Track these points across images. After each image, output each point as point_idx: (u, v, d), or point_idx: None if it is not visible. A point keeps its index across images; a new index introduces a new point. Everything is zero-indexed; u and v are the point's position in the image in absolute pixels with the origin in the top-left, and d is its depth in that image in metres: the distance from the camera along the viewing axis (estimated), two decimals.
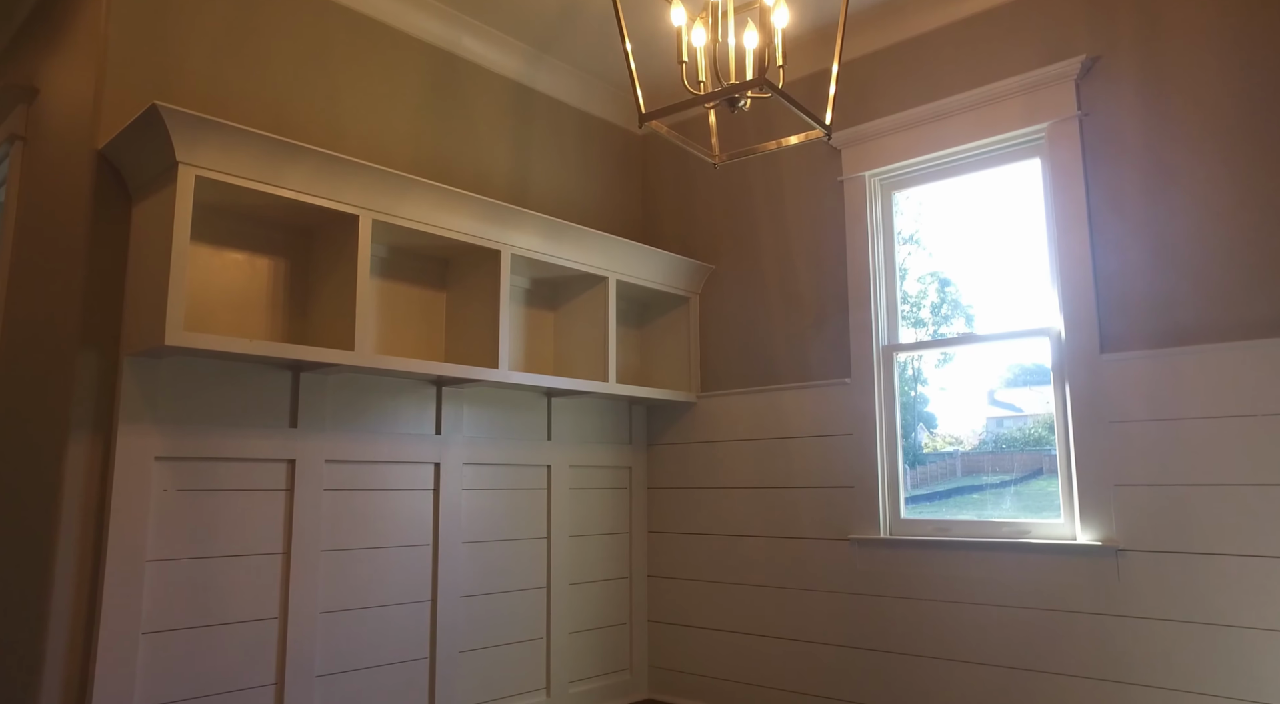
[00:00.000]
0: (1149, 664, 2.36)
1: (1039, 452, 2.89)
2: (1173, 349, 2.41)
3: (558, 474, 3.27)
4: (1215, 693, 2.26)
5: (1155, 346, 2.45)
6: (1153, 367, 2.44)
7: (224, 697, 2.34)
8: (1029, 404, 2.95)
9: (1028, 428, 2.96)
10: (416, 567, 2.81)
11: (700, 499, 3.45)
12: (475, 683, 2.92)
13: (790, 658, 3.09)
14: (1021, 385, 2.97)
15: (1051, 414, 2.70)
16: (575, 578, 3.31)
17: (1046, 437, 2.88)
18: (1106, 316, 2.54)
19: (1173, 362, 2.40)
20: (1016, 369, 2.98)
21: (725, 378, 3.46)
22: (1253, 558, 2.24)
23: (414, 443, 2.84)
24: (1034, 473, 2.88)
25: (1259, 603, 2.22)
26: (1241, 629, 2.24)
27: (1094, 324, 2.55)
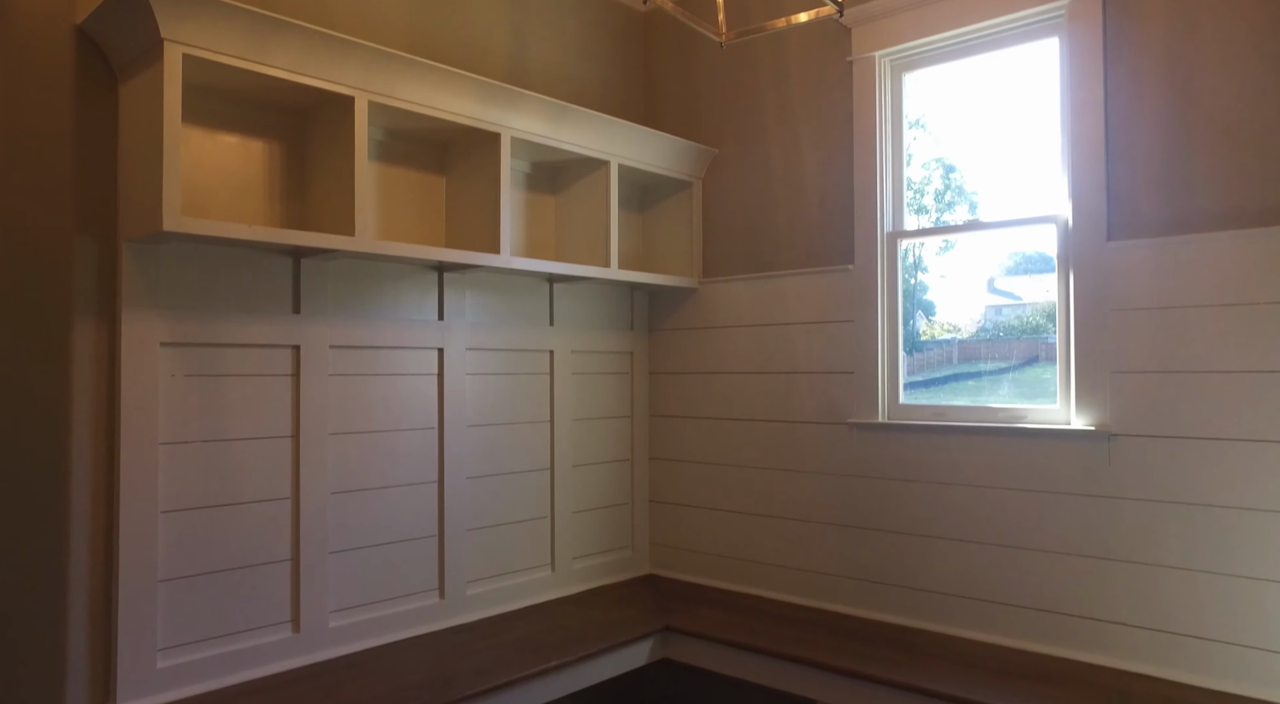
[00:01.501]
0: (1131, 542, 2.46)
1: (1036, 339, 2.92)
2: (1180, 237, 2.39)
3: (560, 359, 3.31)
4: (1191, 567, 2.36)
5: (1163, 234, 2.43)
6: (1158, 255, 2.42)
7: (244, 571, 2.44)
8: (1028, 292, 2.95)
9: (1026, 316, 2.98)
10: (423, 449, 2.88)
11: (701, 384, 3.50)
12: (482, 559, 3.04)
13: (787, 536, 3.21)
14: (1022, 273, 2.96)
15: (1051, 302, 2.71)
16: (578, 460, 3.39)
17: (1044, 325, 2.90)
18: (1115, 204, 2.51)
19: (1179, 249, 2.39)
20: (1018, 257, 2.97)
21: (727, 264, 3.44)
22: (1238, 442, 2.29)
23: (417, 328, 2.85)
24: (1030, 360, 2.92)
25: (1240, 484, 2.29)
26: (1222, 508, 2.32)
27: (1102, 211, 2.52)
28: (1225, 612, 2.31)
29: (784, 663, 2.65)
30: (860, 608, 3.01)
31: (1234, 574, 2.30)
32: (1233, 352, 2.31)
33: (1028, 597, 2.64)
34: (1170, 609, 2.40)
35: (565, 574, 3.32)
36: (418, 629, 2.83)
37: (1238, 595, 2.29)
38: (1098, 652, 2.51)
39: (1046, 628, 2.60)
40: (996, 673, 2.46)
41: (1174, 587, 2.39)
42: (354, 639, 2.67)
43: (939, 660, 2.56)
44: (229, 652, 2.40)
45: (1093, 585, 2.52)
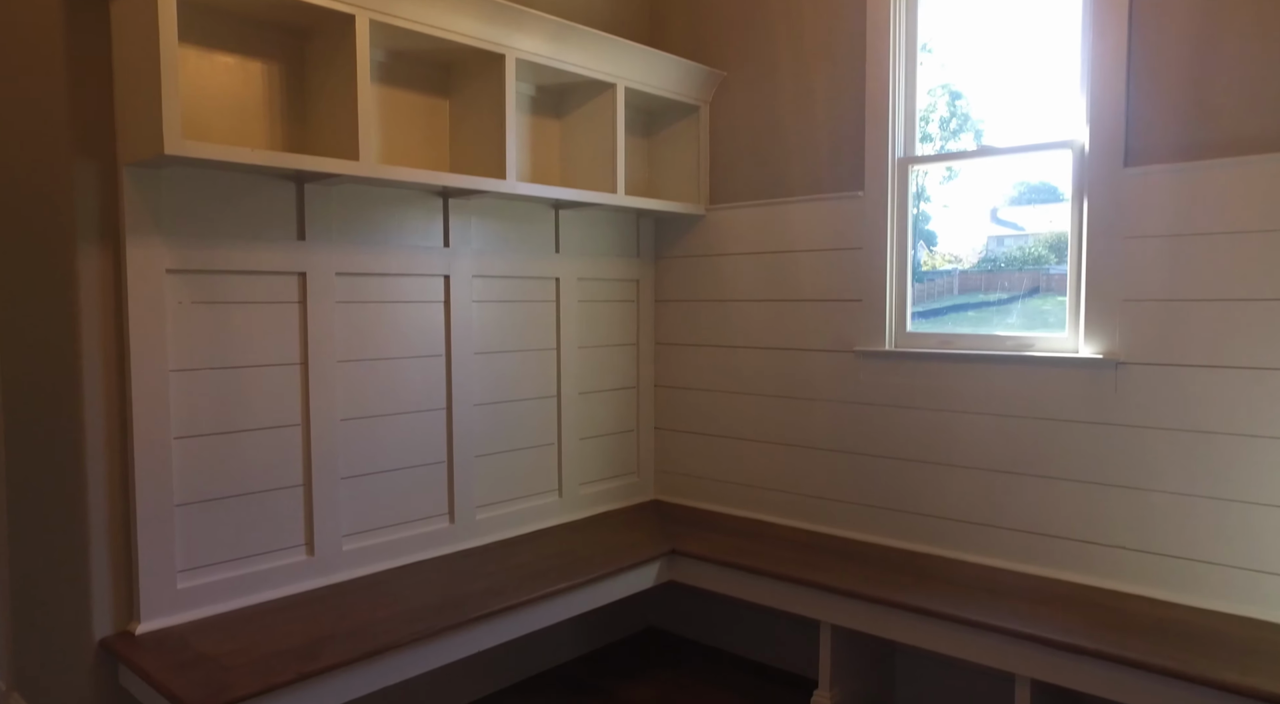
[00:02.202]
0: (1133, 469, 2.49)
1: (1037, 270, 2.91)
2: (1200, 162, 2.35)
3: (566, 286, 3.29)
4: (1191, 493, 2.40)
5: (1183, 159, 2.38)
6: (1177, 180, 2.39)
7: (258, 495, 2.47)
8: (1032, 222, 2.93)
9: (1028, 247, 2.96)
10: (431, 377, 2.88)
11: (707, 312, 3.49)
12: (491, 485, 3.08)
13: (791, 463, 3.25)
14: (1025, 204, 2.93)
15: (1054, 232, 2.68)
16: (585, 387, 3.41)
17: (1046, 255, 2.88)
18: (1135, 128, 2.46)
19: (1199, 175, 2.35)
20: (1022, 186, 2.93)
21: (735, 190, 3.40)
22: (1245, 370, 2.30)
23: (423, 255, 2.83)
24: (1031, 291, 2.91)
25: (1243, 411, 2.31)
26: (1223, 435, 2.34)
27: (1121, 136, 2.47)
28: (1221, 535, 2.36)
29: (789, 585, 2.71)
30: (864, 533, 3.06)
31: (1231, 499, 2.34)
32: (1245, 279, 2.30)
33: (1030, 522, 2.69)
34: (1167, 533, 2.44)
35: (572, 500, 3.37)
36: (429, 553, 2.88)
37: (1233, 519, 2.34)
38: (1096, 574, 2.57)
39: (1047, 552, 2.66)
40: (997, 594, 2.52)
41: (1172, 511, 2.43)
42: (367, 562, 2.72)
43: (942, 583, 2.62)
44: (247, 574, 2.45)
45: (1093, 511, 2.57)
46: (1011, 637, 2.27)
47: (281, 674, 2.00)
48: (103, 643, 2.22)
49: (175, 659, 2.08)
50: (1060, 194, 2.86)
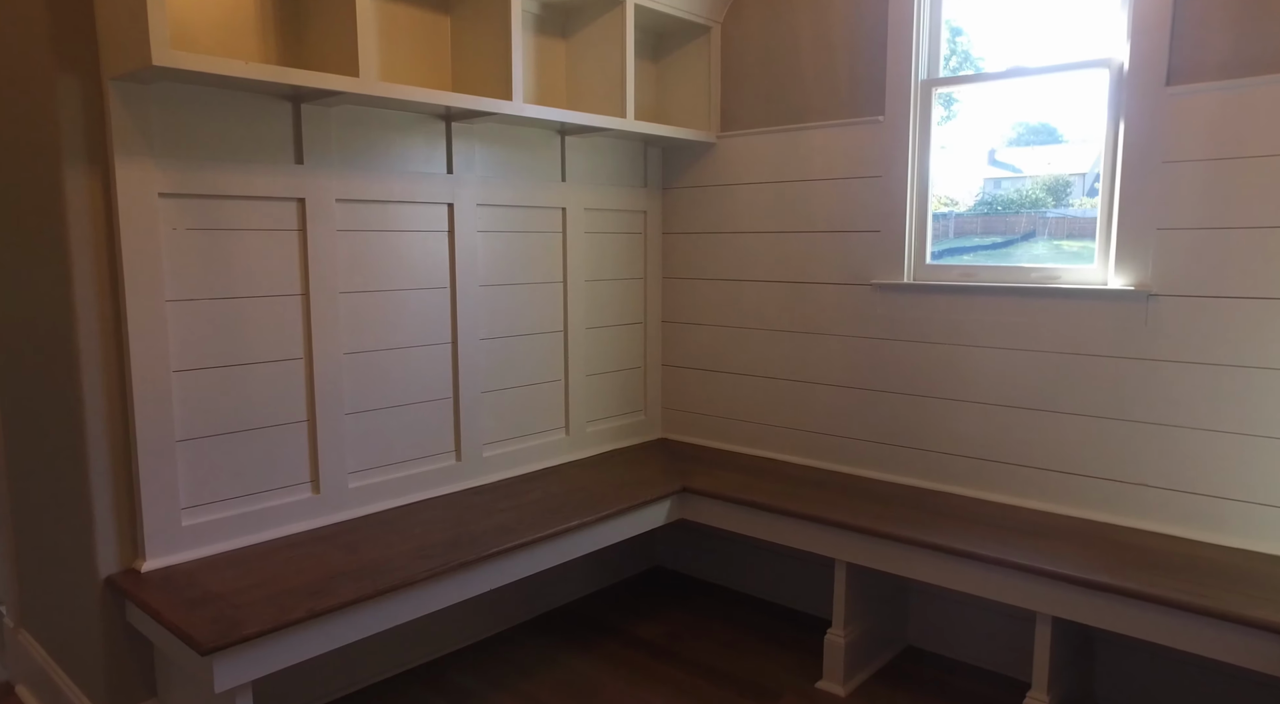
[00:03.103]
0: (1163, 405, 2.43)
1: (1035, 213, 2.84)
2: (1251, 79, 2.23)
3: (573, 217, 3.17)
4: (1223, 429, 2.35)
5: (1230, 77, 2.27)
6: (1222, 100, 2.27)
7: (261, 431, 2.39)
8: (1030, 165, 2.83)
9: (1025, 189, 2.88)
10: (435, 309, 2.78)
11: (717, 245, 3.38)
12: (498, 421, 3.01)
13: (804, 399, 3.18)
14: (1024, 145, 2.83)
15: (1052, 175, 2.58)
16: (592, 322, 3.32)
17: (1044, 199, 2.83)
18: (1180, 44, 2.33)
19: (1248, 93, 2.23)
20: (1021, 128, 2.82)
21: (747, 116, 3.26)
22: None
23: (425, 182, 2.70)
24: (1028, 235, 2.85)
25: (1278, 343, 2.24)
26: (1259, 370, 2.28)
27: (1164, 52, 2.35)
28: (1253, 472, 2.31)
29: (805, 522, 2.66)
30: (878, 471, 3.02)
31: (1265, 435, 2.29)
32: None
33: (1051, 459, 2.64)
34: (1196, 471, 2.40)
35: (579, 437, 3.30)
36: (436, 490, 2.82)
37: (1267, 456, 2.29)
38: (1121, 512, 2.53)
39: (1069, 490, 2.61)
40: (1018, 532, 2.49)
41: (1202, 448, 2.38)
42: (374, 499, 2.66)
43: (959, 521, 2.58)
44: (253, 511, 2.38)
45: (1120, 448, 2.52)
46: (1033, 574, 2.23)
47: (293, 611, 1.94)
48: (109, 581, 2.16)
49: (184, 597, 2.02)
50: (1059, 135, 2.79)
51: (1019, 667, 2.73)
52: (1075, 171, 2.78)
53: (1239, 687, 2.36)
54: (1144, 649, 2.50)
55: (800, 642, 2.99)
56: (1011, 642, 2.74)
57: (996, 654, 2.78)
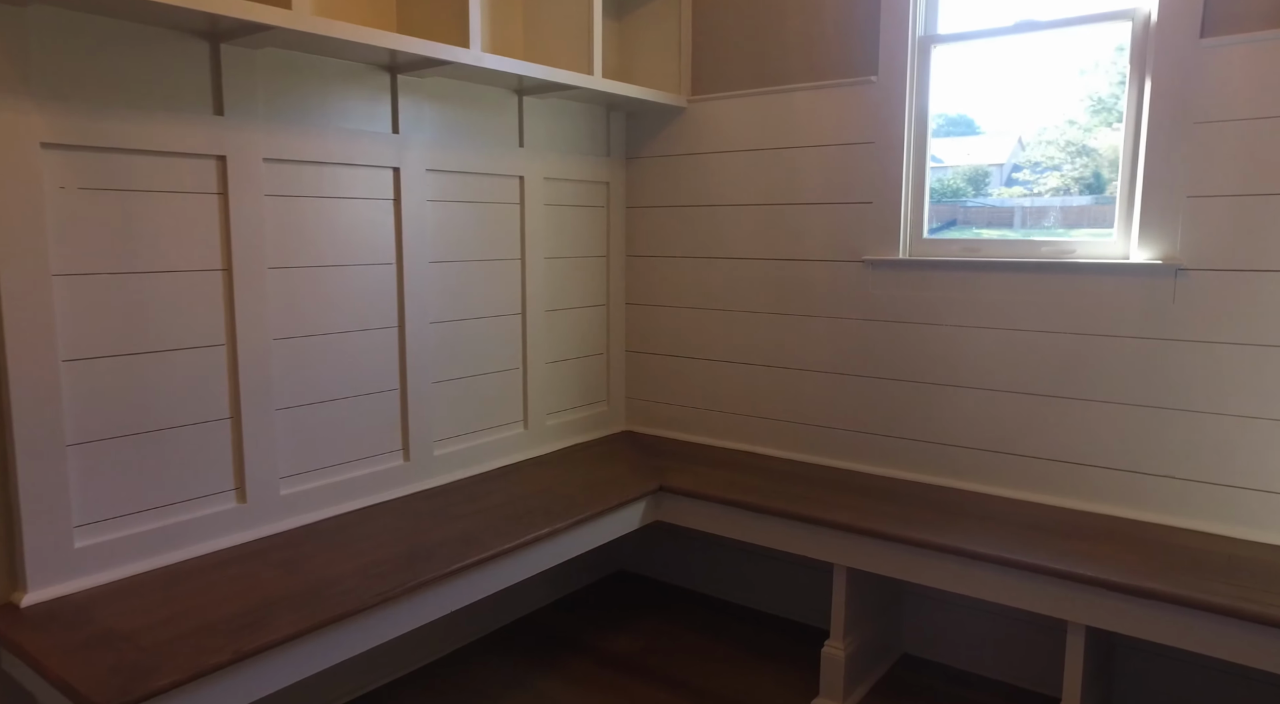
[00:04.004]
0: (1193, 389, 2.24)
1: (955, 203, 2.79)
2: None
3: (531, 187, 2.84)
4: (1261, 415, 2.17)
5: (1274, 26, 2.07)
6: (1265, 52, 2.07)
7: (174, 432, 2.01)
8: (950, 155, 2.77)
9: (946, 179, 2.78)
10: (380, 289, 2.43)
11: (687, 219, 3.09)
12: (450, 415, 2.67)
13: (787, 387, 2.92)
14: (944, 136, 2.73)
15: (971, 165, 2.44)
16: (552, 304, 2.99)
17: (964, 188, 2.78)
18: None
19: None
20: (940, 119, 2.66)
21: (723, 78, 2.97)
22: None
23: (368, 142, 2.34)
24: (948, 223, 2.79)
25: None
26: None
27: (1198, 1, 2.14)
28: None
29: (801, 524, 2.40)
30: (875, 464, 2.78)
31: None
32: None
33: (1069, 451, 2.43)
34: (1231, 461, 2.21)
35: (539, 431, 2.98)
36: (382, 495, 2.47)
37: None
38: (1146, 508, 2.33)
39: (1088, 484, 2.41)
40: (1038, 531, 2.27)
41: (1238, 437, 2.20)
42: (310, 508, 2.29)
43: (972, 519, 2.35)
44: (164, 527, 2.00)
45: (1144, 437, 2.32)
46: (1067, 580, 2.01)
47: (217, 653, 1.58)
48: None
49: (76, 639, 1.64)
50: (977, 127, 2.76)
51: (1027, 674, 2.53)
52: (993, 162, 2.79)
53: (1267, 692, 2.20)
54: (1166, 656, 2.31)
55: (791, 654, 2.74)
56: (1017, 648, 2.54)
57: (1001, 662, 2.57)
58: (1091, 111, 2.56)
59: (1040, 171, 2.67)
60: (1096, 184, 2.56)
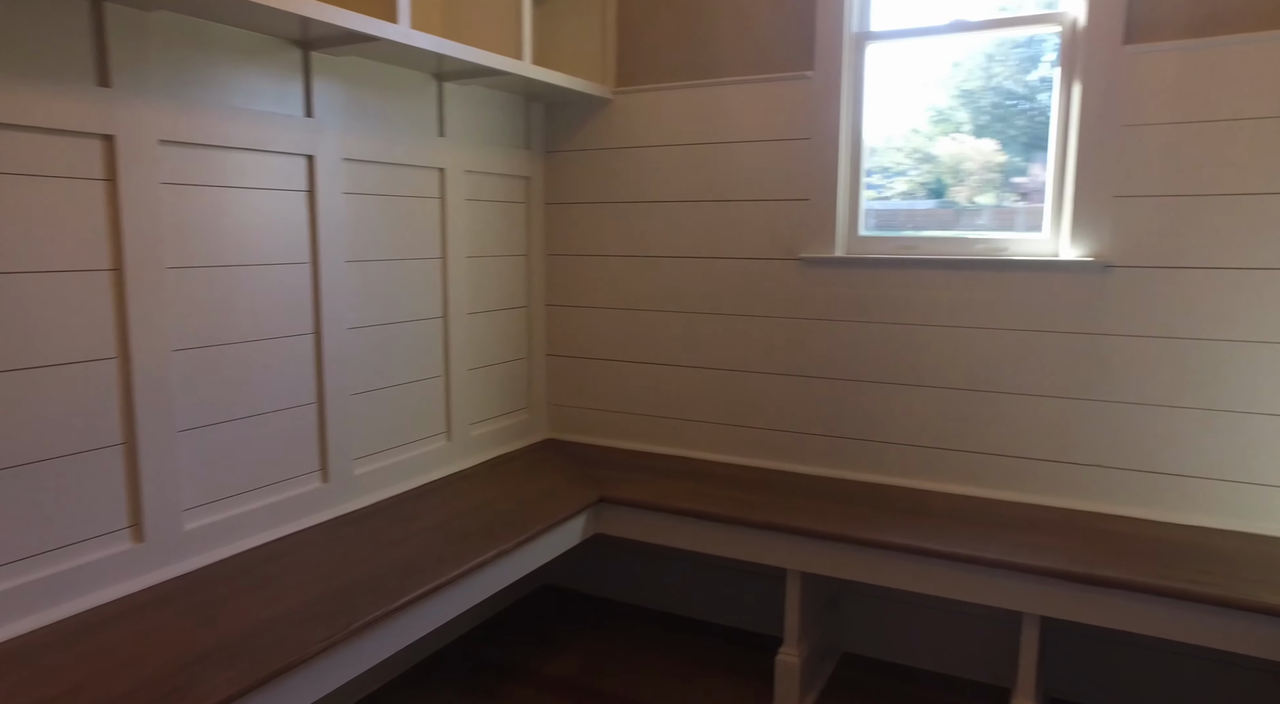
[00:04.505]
0: (1120, 381, 2.33)
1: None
2: (1213, 39, 2.14)
3: (452, 180, 2.63)
4: (1182, 405, 2.27)
5: (1190, 36, 2.17)
6: (1184, 60, 2.18)
7: (55, 462, 1.69)
8: None
9: None
10: (293, 291, 2.16)
11: (613, 216, 2.97)
12: (371, 429, 2.43)
13: (722, 389, 2.85)
14: None
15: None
16: (474, 307, 2.79)
17: None
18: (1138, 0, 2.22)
19: (1210, 53, 2.15)
20: None
21: (651, 69, 2.86)
22: (1249, 271, 2.17)
23: (279, 126, 2.07)
24: None
25: (1245, 316, 2.19)
26: (1219, 342, 2.22)
27: (1122, 8, 2.22)
28: (1215, 448, 2.25)
29: (755, 531, 2.33)
30: (819, 466, 2.74)
31: (1226, 410, 2.23)
32: (1256, 171, 2.15)
33: (1007, 445, 2.48)
34: (1156, 449, 2.31)
35: (463, 443, 2.77)
36: (301, 522, 2.21)
37: (1230, 431, 2.24)
38: (1080, 497, 2.40)
39: (1024, 476, 2.46)
40: (986, 524, 2.30)
41: (1158, 426, 2.30)
42: (220, 543, 2.01)
43: (923, 517, 2.35)
44: (45, 577, 1.68)
45: (1076, 429, 2.39)
46: (1024, 573, 2.03)
47: None
48: None
49: None
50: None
51: (969, 665, 2.57)
52: None
53: (1200, 668, 2.31)
54: (1108, 640, 2.40)
55: (740, 663, 2.66)
56: (958, 639, 2.57)
57: (942, 654, 2.60)
58: (933, 122, 2.65)
59: (889, 176, 2.73)
60: (939, 189, 2.65)
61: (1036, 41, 2.60)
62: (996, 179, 2.69)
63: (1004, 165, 2.68)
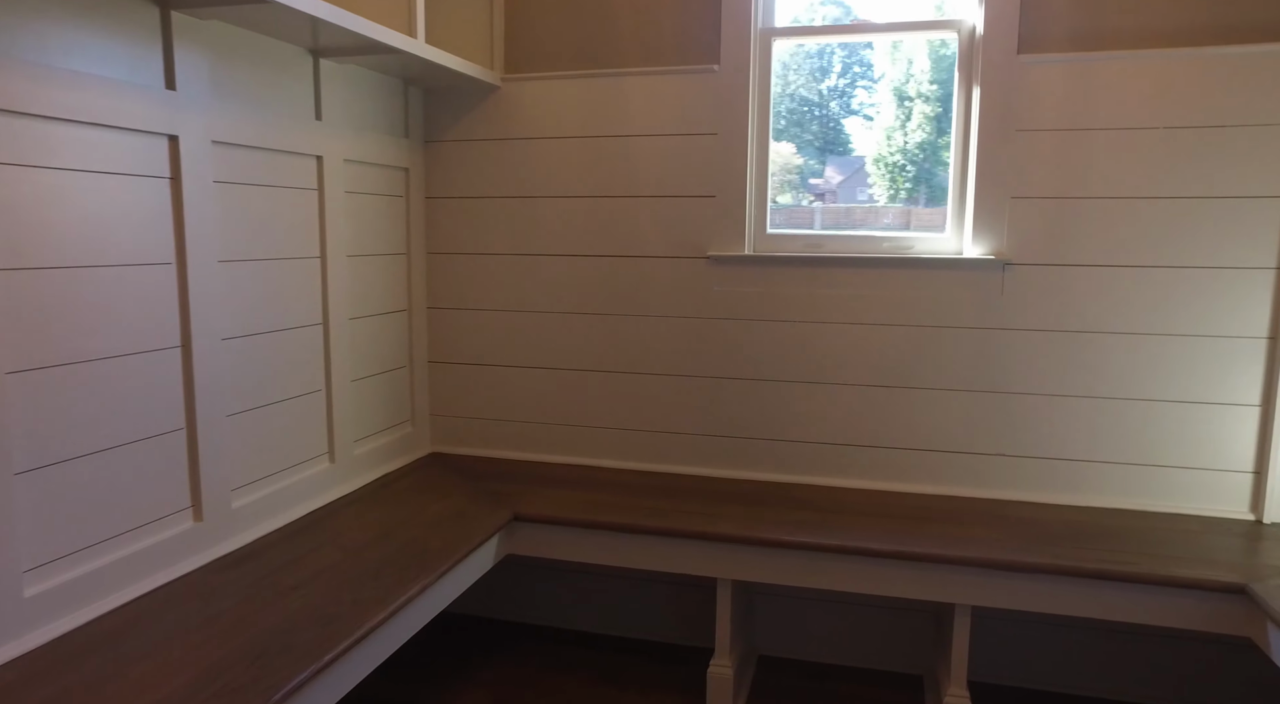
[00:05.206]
0: (1016, 373, 2.44)
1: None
2: (1093, 54, 2.28)
3: (330, 170, 2.33)
4: (1071, 393, 2.41)
5: (1076, 49, 2.30)
6: (1069, 71, 2.30)
7: None
8: None
9: None
10: (156, 297, 1.82)
11: (502, 212, 2.76)
12: (249, 455, 2.10)
13: (630, 393, 2.73)
14: None
15: None
16: (355, 310, 2.50)
17: None
18: (1030, 11, 2.32)
19: (1091, 67, 2.28)
20: None
21: (544, 56, 2.68)
22: (1131, 268, 2.33)
23: (133, 97, 1.73)
24: None
25: (1121, 309, 2.35)
26: (1102, 334, 2.37)
27: (1015, 18, 2.32)
28: (1098, 432, 2.40)
29: (683, 541, 2.23)
30: (727, 469, 2.68)
31: (1107, 396, 2.39)
32: (1129, 177, 2.30)
33: (915, 438, 2.53)
34: (1046, 436, 2.44)
35: (347, 463, 2.48)
36: (172, 571, 1.87)
37: (1110, 416, 2.39)
38: (983, 486, 2.49)
39: (934, 468, 2.52)
40: (904, 519, 2.33)
41: (1050, 414, 2.43)
42: (70, 607, 1.65)
43: (842, 515, 2.35)
44: None
45: (976, 420, 2.48)
46: (956, 565, 2.07)
47: None
48: None
49: None
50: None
51: (885, 657, 2.60)
52: None
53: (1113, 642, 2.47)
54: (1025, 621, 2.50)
55: (662, 679, 2.55)
56: (871, 633, 2.61)
57: (856, 649, 2.63)
58: None
59: None
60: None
61: (828, 53, 2.71)
62: (795, 180, 2.79)
63: (801, 167, 2.78)
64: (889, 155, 2.73)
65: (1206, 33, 2.23)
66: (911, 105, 2.70)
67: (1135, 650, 2.43)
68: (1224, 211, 2.27)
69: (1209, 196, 2.27)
